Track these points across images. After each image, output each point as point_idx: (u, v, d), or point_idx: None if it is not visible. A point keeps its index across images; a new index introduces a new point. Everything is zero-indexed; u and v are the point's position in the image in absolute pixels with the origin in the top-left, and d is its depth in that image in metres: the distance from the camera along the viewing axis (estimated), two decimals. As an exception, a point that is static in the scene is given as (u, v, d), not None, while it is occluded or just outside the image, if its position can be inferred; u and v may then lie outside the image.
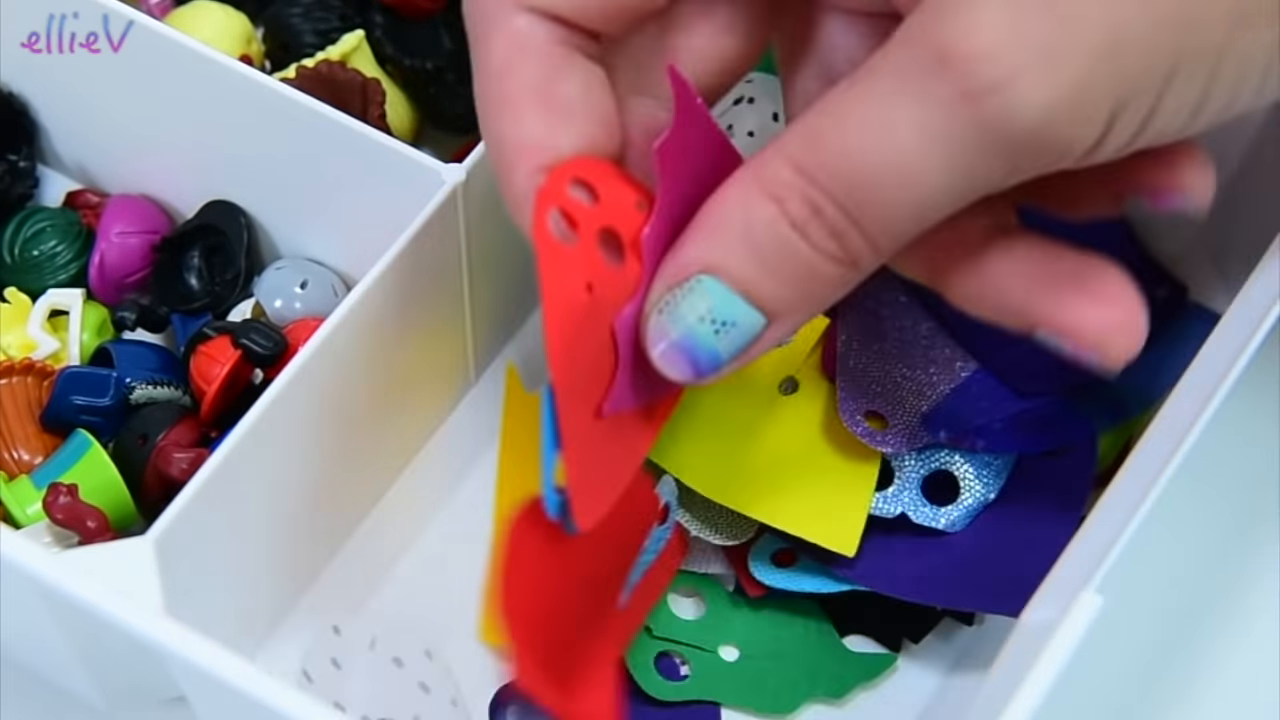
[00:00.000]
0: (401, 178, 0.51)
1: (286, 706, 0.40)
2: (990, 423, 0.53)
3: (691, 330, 0.41)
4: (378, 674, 0.52)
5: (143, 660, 0.45)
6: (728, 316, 0.41)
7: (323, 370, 0.49)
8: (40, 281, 0.58)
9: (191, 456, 0.52)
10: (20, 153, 0.60)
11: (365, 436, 0.54)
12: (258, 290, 0.57)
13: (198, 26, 0.60)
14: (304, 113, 0.52)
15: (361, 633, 0.53)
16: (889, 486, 0.53)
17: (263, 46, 0.62)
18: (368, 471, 0.56)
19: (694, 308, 0.41)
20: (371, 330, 0.50)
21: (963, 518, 0.53)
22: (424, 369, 0.55)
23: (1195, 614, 0.55)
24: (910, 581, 0.52)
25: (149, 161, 0.59)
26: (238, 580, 0.52)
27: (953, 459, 0.53)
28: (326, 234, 0.57)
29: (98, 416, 0.55)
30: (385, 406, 0.54)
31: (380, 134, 0.52)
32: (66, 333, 0.57)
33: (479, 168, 0.51)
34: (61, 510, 0.51)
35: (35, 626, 0.47)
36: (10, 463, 0.55)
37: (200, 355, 0.54)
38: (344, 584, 0.55)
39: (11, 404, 0.55)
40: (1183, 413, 0.46)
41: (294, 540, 0.54)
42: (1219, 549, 0.56)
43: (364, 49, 0.60)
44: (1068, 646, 0.42)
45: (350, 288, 0.53)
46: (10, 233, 0.58)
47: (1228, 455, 0.56)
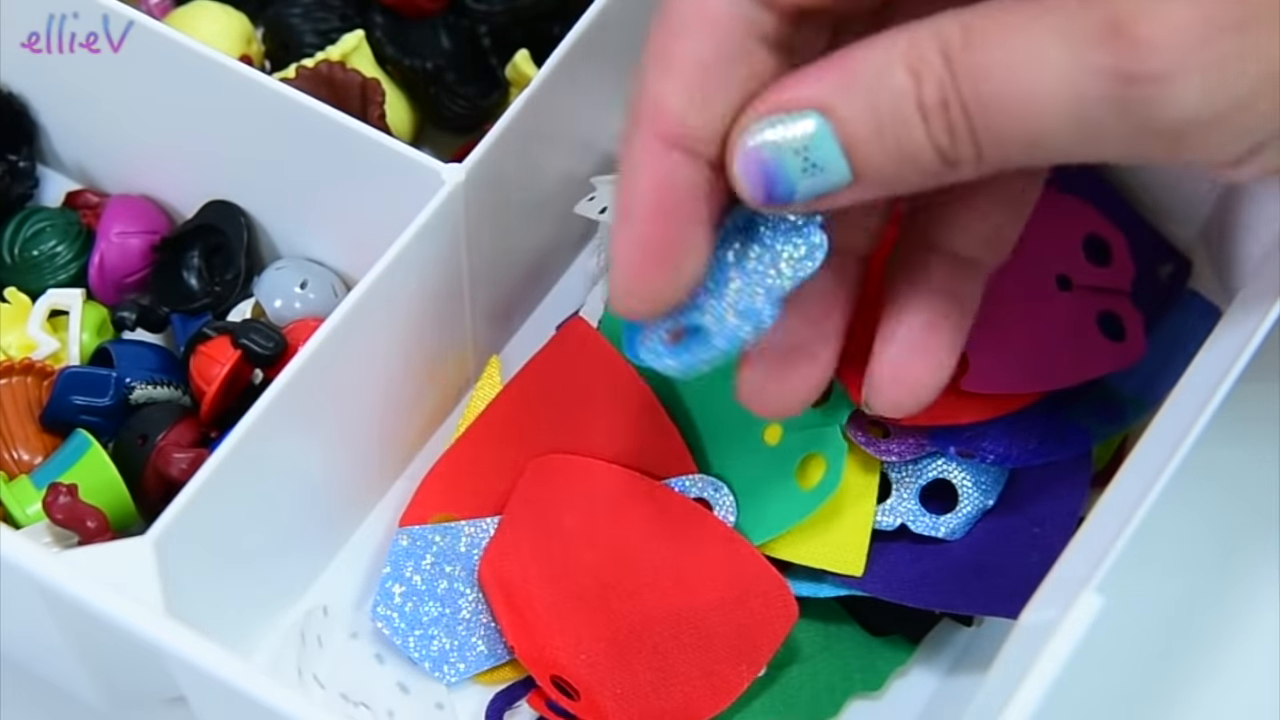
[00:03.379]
0: (401, 178, 0.51)
1: (286, 706, 0.40)
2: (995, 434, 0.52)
3: (783, 157, 0.41)
4: (357, 663, 0.52)
5: (143, 660, 0.45)
6: (821, 160, 0.41)
7: (323, 370, 0.49)
8: (40, 281, 0.58)
9: (191, 456, 0.52)
10: (20, 153, 0.60)
11: (365, 436, 0.54)
12: (258, 290, 0.57)
13: (198, 26, 0.60)
14: (304, 113, 0.52)
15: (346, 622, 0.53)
16: (887, 498, 0.53)
17: (263, 46, 0.62)
18: (367, 471, 0.56)
19: (794, 138, 0.41)
20: (371, 330, 0.50)
21: (962, 525, 0.53)
22: (424, 369, 0.55)
23: (1195, 614, 0.55)
24: (909, 586, 0.52)
25: (149, 161, 0.59)
26: (238, 580, 0.52)
27: (950, 467, 0.53)
28: (326, 234, 0.57)
29: (98, 416, 0.55)
30: (385, 406, 0.54)
31: (380, 134, 0.52)
32: (66, 333, 0.57)
33: (479, 168, 0.51)
34: (61, 510, 0.51)
35: (35, 626, 0.47)
36: (10, 463, 0.55)
37: (200, 355, 0.54)
38: (344, 584, 0.55)
39: (11, 404, 0.55)
40: (1183, 413, 0.46)
41: (294, 540, 0.54)
42: (1219, 549, 0.56)
43: (364, 49, 0.60)
44: (1068, 646, 0.42)
45: (350, 288, 0.53)
46: (10, 233, 0.58)
47: (1228, 455, 0.56)
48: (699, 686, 0.51)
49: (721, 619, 0.51)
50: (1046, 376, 0.52)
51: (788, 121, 0.41)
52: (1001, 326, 0.52)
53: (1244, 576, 0.56)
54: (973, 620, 0.54)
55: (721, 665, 0.51)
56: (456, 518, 0.54)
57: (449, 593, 0.53)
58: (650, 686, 0.51)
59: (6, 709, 0.53)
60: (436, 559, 0.53)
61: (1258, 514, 0.57)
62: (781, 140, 0.41)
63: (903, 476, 0.53)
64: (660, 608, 0.51)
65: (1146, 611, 0.55)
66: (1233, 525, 0.57)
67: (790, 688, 0.52)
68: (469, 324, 0.56)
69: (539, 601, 0.52)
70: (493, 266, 0.55)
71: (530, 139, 0.53)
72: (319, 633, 0.52)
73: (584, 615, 0.52)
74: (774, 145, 0.41)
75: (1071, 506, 0.53)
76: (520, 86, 0.58)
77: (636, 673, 0.51)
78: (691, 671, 0.51)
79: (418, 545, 0.53)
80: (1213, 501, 0.56)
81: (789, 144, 0.41)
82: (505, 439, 0.54)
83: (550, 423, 0.54)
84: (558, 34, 0.54)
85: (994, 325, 0.51)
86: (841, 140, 0.40)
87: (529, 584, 0.52)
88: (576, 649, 0.51)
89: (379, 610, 0.52)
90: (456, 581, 0.53)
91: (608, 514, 0.52)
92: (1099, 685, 0.53)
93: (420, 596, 0.52)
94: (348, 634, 0.53)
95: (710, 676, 0.51)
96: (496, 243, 0.55)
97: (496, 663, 0.52)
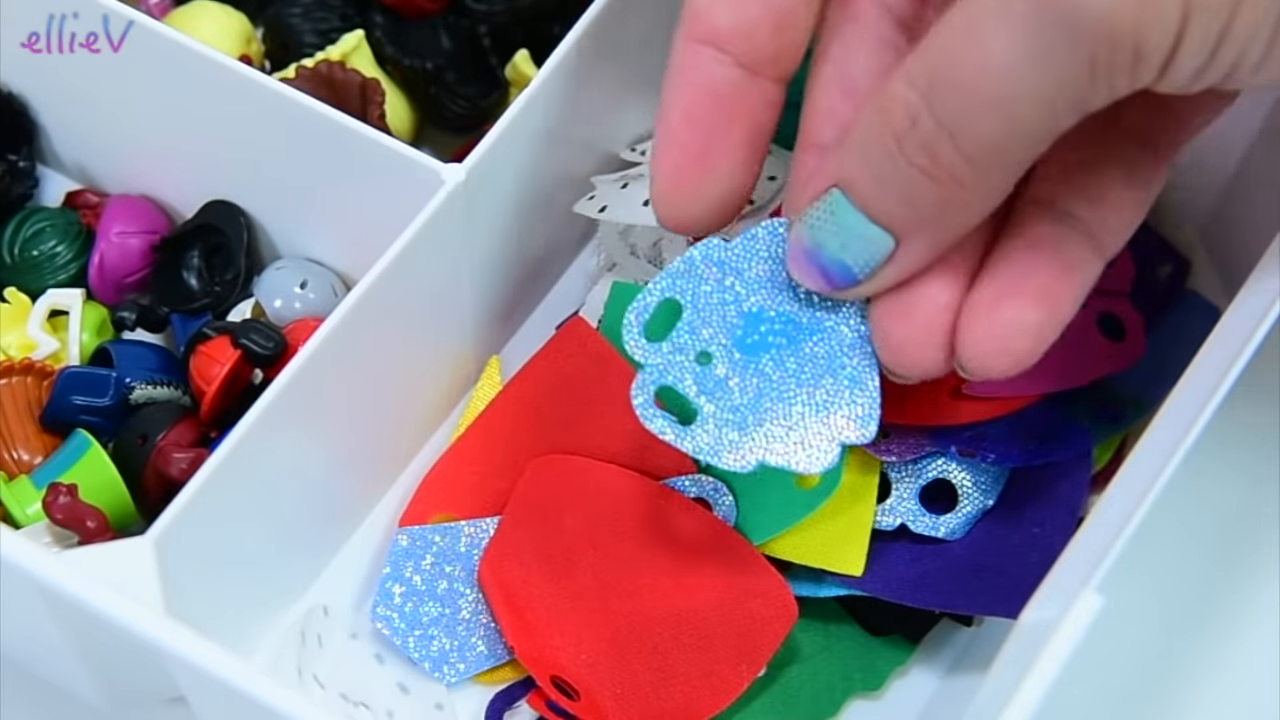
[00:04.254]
0: (401, 178, 0.51)
1: (286, 706, 0.40)
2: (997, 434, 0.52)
3: (820, 242, 0.42)
4: (357, 663, 0.52)
5: (143, 660, 0.45)
6: (852, 231, 0.42)
7: (323, 370, 0.49)
8: (40, 281, 0.58)
9: (191, 456, 0.52)
10: (20, 153, 0.60)
11: (365, 436, 0.54)
12: (258, 290, 0.57)
13: (198, 26, 0.60)
14: (304, 113, 0.52)
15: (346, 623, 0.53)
16: (887, 498, 0.53)
17: (263, 46, 0.62)
18: (367, 471, 0.56)
19: (824, 220, 0.42)
20: (371, 330, 0.50)
21: (962, 525, 0.53)
22: (424, 369, 0.55)
23: (1195, 614, 0.55)
24: (908, 586, 0.52)
25: (149, 161, 0.59)
26: (237, 580, 0.52)
27: (950, 467, 0.53)
28: (326, 234, 0.57)
29: (98, 416, 0.55)
30: (385, 406, 0.54)
31: (380, 134, 0.52)
32: (66, 333, 0.57)
33: (479, 168, 0.51)
34: (61, 510, 0.51)
35: (35, 626, 0.47)
36: (10, 463, 0.55)
37: (200, 355, 0.54)
38: (344, 584, 0.55)
39: (11, 404, 0.55)
40: (1183, 413, 0.46)
41: (294, 540, 0.54)
42: (1219, 549, 0.56)
43: (364, 49, 0.60)
44: (1068, 646, 0.42)
45: (350, 288, 0.53)
46: (10, 233, 0.58)
47: (1228, 455, 0.56)
48: (699, 687, 0.51)
49: (721, 619, 0.51)
50: (1047, 378, 0.52)
51: (816, 206, 0.42)
52: None
53: (1244, 576, 0.56)
54: (973, 620, 0.54)
55: (721, 665, 0.51)
56: (456, 518, 0.54)
57: (449, 593, 0.53)
58: (650, 686, 0.51)
59: (6, 709, 0.53)
60: (436, 559, 0.53)
61: (1258, 514, 0.57)
62: (815, 223, 0.42)
63: (902, 476, 0.53)
64: (660, 608, 0.51)
65: (1146, 611, 0.55)
66: (1233, 525, 0.57)
67: (790, 688, 0.52)
68: (469, 324, 0.56)
69: (539, 602, 0.52)
70: (493, 266, 0.55)
71: (530, 139, 0.53)
72: (319, 632, 0.52)
73: (584, 615, 0.52)
74: (811, 230, 0.42)
75: (1071, 506, 0.53)
76: (520, 86, 0.58)
77: (636, 673, 0.51)
78: (691, 672, 0.51)
79: (417, 545, 0.53)
80: (1213, 501, 0.56)
81: (820, 226, 0.42)
82: (505, 439, 0.54)
83: (550, 423, 0.54)
84: (558, 34, 0.54)
85: None
86: (859, 204, 0.41)
87: (529, 584, 0.52)
88: (576, 649, 0.51)
89: (379, 610, 0.52)
90: (456, 582, 0.53)
91: (608, 514, 0.52)
92: (1099, 685, 0.53)
93: (420, 596, 0.52)
94: (348, 634, 0.53)
95: (710, 676, 0.51)
96: (496, 243, 0.55)
97: (496, 663, 0.53)
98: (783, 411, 0.46)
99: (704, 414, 0.46)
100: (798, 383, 0.46)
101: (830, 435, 0.46)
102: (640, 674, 0.51)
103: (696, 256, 0.47)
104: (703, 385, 0.46)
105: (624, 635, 0.51)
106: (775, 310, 0.47)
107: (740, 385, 0.46)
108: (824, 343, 0.46)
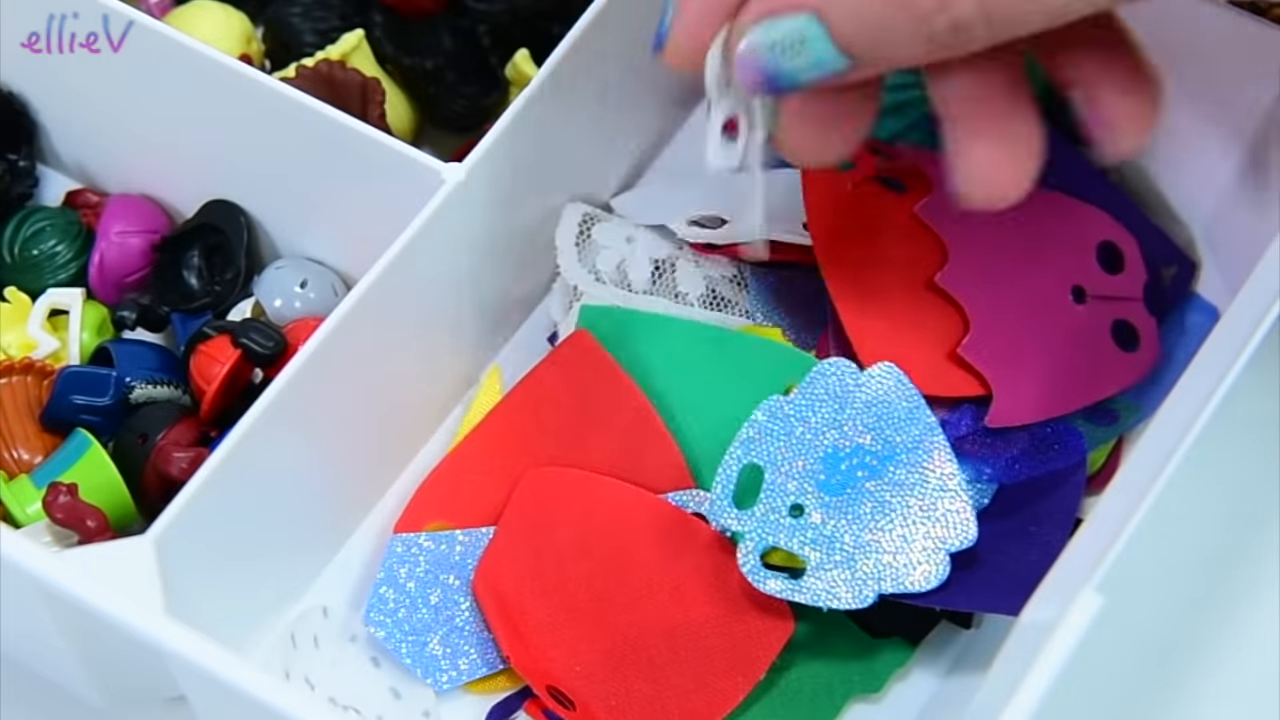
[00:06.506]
0: (401, 178, 0.51)
1: (286, 706, 0.41)
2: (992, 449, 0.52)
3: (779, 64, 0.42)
4: (352, 666, 0.52)
5: (143, 660, 0.45)
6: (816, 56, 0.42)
7: (323, 370, 0.49)
8: (40, 281, 0.58)
9: (191, 456, 0.52)
10: (20, 153, 0.60)
11: (365, 436, 0.54)
12: (258, 290, 0.57)
13: (197, 26, 0.60)
14: (304, 113, 0.52)
15: (344, 625, 0.53)
16: None
17: (263, 46, 0.62)
18: (367, 471, 0.56)
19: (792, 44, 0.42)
20: (371, 330, 0.50)
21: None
22: (424, 369, 0.55)
23: (1195, 613, 0.55)
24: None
25: (149, 161, 0.59)
26: (238, 580, 0.52)
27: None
28: (326, 234, 0.57)
29: (97, 416, 0.55)
30: (385, 406, 0.54)
31: (380, 134, 0.52)
32: (66, 332, 0.57)
33: (479, 168, 0.51)
34: (61, 510, 0.51)
35: (35, 626, 0.47)
36: (10, 462, 0.55)
37: (200, 355, 0.54)
38: (344, 584, 0.55)
39: (11, 403, 0.55)
40: (1183, 412, 0.46)
41: (294, 540, 0.54)
42: (1219, 548, 0.56)
43: (364, 48, 0.60)
44: (1068, 646, 0.42)
45: (350, 288, 0.53)
46: (10, 232, 0.58)
47: (1228, 455, 0.56)
48: (695, 698, 0.51)
49: (717, 631, 0.51)
50: (1068, 398, 0.53)
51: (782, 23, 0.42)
52: (1021, 356, 0.53)
53: (1244, 577, 0.56)
54: (972, 622, 0.54)
55: (717, 677, 0.51)
56: (452, 526, 0.54)
57: (443, 600, 0.53)
58: (645, 698, 0.51)
59: (6, 709, 0.53)
60: (431, 566, 0.53)
61: (1258, 514, 0.57)
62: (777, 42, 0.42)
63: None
64: (656, 620, 0.51)
65: (1146, 611, 0.55)
66: (1233, 525, 0.57)
67: (790, 690, 0.52)
68: (468, 324, 0.56)
69: (533, 613, 0.52)
70: (493, 266, 0.55)
71: (530, 139, 0.53)
72: (315, 634, 0.52)
73: (579, 627, 0.52)
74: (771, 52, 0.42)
75: (1068, 504, 0.53)
76: (520, 86, 0.58)
77: (632, 684, 0.51)
78: (687, 683, 0.51)
79: (412, 552, 0.53)
80: (1213, 501, 0.56)
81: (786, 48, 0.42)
82: (503, 449, 0.54)
83: (549, 434, 0.54)
84: (558, 34, 0.54)
85: (1014, 356, 0.52)
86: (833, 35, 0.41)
87: (523, 595, 0.52)
88: (571, 660, 0.51)
89: (372, 615, 0.52)
90: (450, 590, 0.53)
91: (603, 527, 0.52)
92: (1099, 685, 0.53)
93: (413, 603, 0.52)
94: (347, 636, 0.53)
95: (706, 688, 0.51)
96: (496, 243, 0.55)
97: (489, 671, 0.52)
98: (884, 540, 0.49)
99: (812, 563, 0.49)
100: (890, 508, 0.49)
101: (934, 547, 0.49)
102: (636, 685, 0.51)
103: (761, 419, 0.50)
104: (803, 537, 0.49)
105: (620, 647, 0.51)
106: (848, 446, 0.50)
107: (836, 526, 0.49)
108: (904, 464, 0.49)
